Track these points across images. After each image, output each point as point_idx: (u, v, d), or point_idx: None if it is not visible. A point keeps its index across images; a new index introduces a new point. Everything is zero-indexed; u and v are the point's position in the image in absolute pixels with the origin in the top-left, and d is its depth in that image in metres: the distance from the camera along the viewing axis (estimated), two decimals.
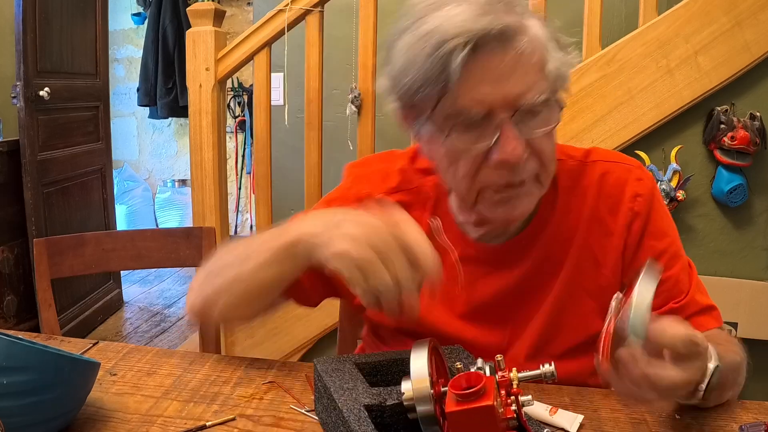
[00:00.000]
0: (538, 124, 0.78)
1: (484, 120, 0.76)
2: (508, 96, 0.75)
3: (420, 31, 0.76)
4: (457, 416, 0.56)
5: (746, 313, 1.99)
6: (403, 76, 0.78)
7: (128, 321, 3.37)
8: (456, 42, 0.72)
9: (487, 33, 0.73)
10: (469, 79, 0.74)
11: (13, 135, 2.71)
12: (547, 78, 0.77)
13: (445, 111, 0.78)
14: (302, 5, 2.08)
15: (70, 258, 1.38)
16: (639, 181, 0.91)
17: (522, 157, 0.77)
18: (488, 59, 0.74)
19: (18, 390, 0.66)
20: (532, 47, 0.76)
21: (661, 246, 0.90)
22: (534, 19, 0.78)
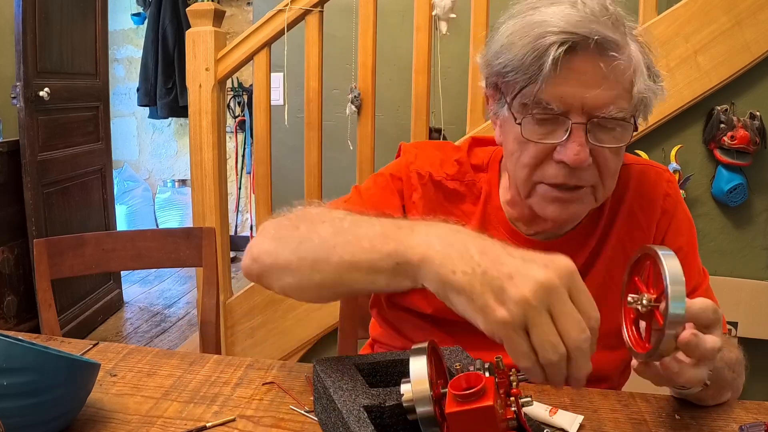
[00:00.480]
0: (609, 138, 0.81)
1: (559, 118, 0.80)
2: (589, 103, 0.79)
3: (527, 19, 0.80)
4: (457, 417, 0.56)
5: (746, 313, 1.99)
6: (498, 56, 0.82)
7: (128, 321, 3.37)
8: (556, 38, 0.76)
9: (587, 38, 0.76)
10: (558, 76, 0.78)
11: (13, 135, 2.71)
12: (632, 99, 0.80)
13: (525, 99, 0.81)
14: (302, 5, 2.08)
15: (70, 258, 1.38)
16: (669, 183, 0.98)
17: (584, 163, 0.80)
18: (581, 63, 0.78)
19: (18, 391, 0.66)
20: (626, 66, 0.79)
21: (678, 244, 0.94)
22: (635, 42, 0.82)
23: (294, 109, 2.30)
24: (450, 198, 0.98)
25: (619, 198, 0.96)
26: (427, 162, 0.99)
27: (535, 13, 0.80)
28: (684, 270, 0.90)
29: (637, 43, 0.82)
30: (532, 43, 0.78)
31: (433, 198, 0.97)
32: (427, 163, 0.99)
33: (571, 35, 0.76)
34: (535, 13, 0.80)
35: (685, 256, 0.93)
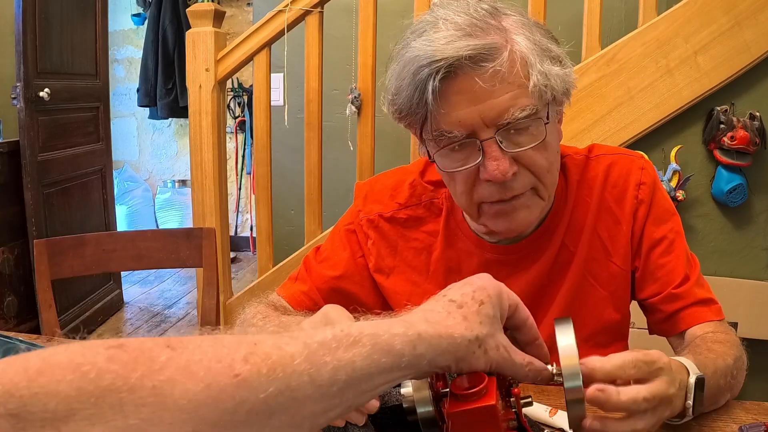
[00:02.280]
0: (525, 139, 0.80)
1: (468, 140, 0.79)
2: (487, 116, 0.77)
3: (404, 59, 0.80)
4: (459, 417, 0.55)
5: (746, 313, 1.99)
6: (394, 102, 0.83)
7: (128, 321, 3.37)
8: (429, 70, 0.76)
9: (458, 58, 0.75)
10: (446, 104, 0.78)
11: (14, 135, 2.71)
12: (531, 93, 0.78)
13: (429, 133, 0.81)
14: (302, 6, 2.09)
15: (70, 259, 1.39)
16: (642, 170, 0.94)
17: (507, 175, 0.79)
18: (463, 82, 0.77)
19: None
20: (511, 64, 0.77)
21: (660, 232, 0.92)
22: (521, 34, 0.79)
23: (294, 109, 2.30)
24: (408, 226, 0.98)
25: (588, 191, 0.94)
26: (375, 202, 1.00)
27: (408, 50, 0.79)
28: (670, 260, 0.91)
29: (522, 33, 0.79)
30: (413, 82, 0.78)
31: (389, 235, 0.98)
32: (375, 204, 1.00)
33: (441, 61, 0.75)
34: (408, 50, 0.80)
35: (670, 245, 0.92)
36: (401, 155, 2.19)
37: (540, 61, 0.79)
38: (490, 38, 0.77)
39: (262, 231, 2.29)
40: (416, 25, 0.82)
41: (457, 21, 0.77)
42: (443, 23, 0.78)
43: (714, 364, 0.77)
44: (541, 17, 1.97)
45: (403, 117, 0.83)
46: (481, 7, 0.80)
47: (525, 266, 0.93)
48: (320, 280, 0.99)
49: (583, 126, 1.98)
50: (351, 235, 1.00)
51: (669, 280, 0.91)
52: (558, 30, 2.40)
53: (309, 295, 0.98)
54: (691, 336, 0.89)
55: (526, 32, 0.80)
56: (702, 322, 0.89)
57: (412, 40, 0.80)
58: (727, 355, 0.81)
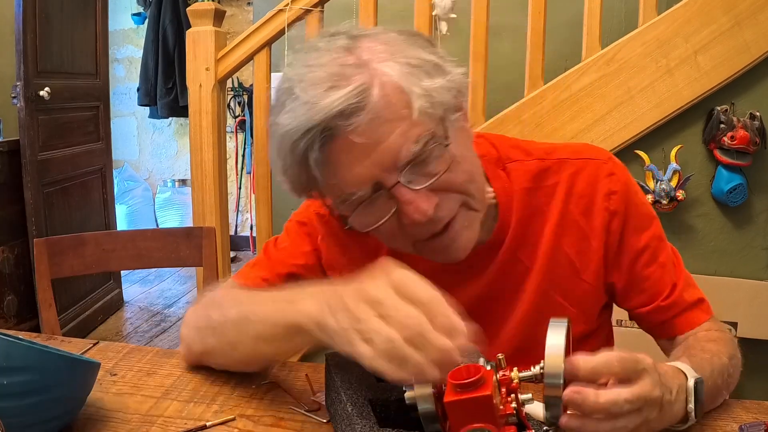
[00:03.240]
0: (433, 167, 0.72)
1: (376, 194, 0.73)
2: (382, 163, 0.71)
3: (277, 137, 0.74)
4: (455, 406, 0.56)
5: (746, 313, 1.99)
6: (286, 180, 0.78)
7: (128, 321, 3.37)
8: (305, 143, 0.70)
9: (328, 120, 0.68)
10: (336, 170, 0.72)
11: (14, 135, 2.71)
12: (420, 120, 0.70)
13: (335, 200, 0.77)
14: (302, 5, 2.08)
15: (70, 258, 1.39)
16: (611, 177, 0.86)
17: (429, 212, 0.72)
18: (342, 142, 0.70)
19: (18, 390, 0.66)
20: (386, 100, 0.69)
21: (643, 242, 0.87)
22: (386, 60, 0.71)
23: None
24: None
25: (545, 198, 0.87)
26: None
27: (277, 127, 0.73)
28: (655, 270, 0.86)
29: (390, 60, 0.71)
30: (294, 159, 0.72)
31: (339, 231, 0.92)
32: None
33: (311, 131, 0.69)
34: (277, 127, 0.73)
35: (654, 254, 0.87)
36: None
37: (416, 82, 0.71)
38: (354, 81, 0.69)
39: (262, 231, 2.29)
40: (276, 93, 0.76)
41: (312, 78, 0.70)
42: (299, 88, 0.70)
43: (710, 365, 0.76)
44: (541, 17, 1.98)
45: (301, 193, 0.79)
46: (336, 45, 0.72)
47: (472, 276, 0.88)
48: (279, 265, 0.95)
49: (583, 126, 1.98)
50: (303, 227, 0.97)
51: (656, 292, 0.87)
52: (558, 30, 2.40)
53: (268, 280, 0.94)
54: (682, 337, 0.88)
55: (389, 56, 0.71)
56: (695, 326, 0.87)
57: (276, 115, 0.74)
58: (721, 354, 0.80)
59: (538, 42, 1.99)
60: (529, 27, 1.99)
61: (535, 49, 2.00)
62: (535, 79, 2.02)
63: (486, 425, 0.56)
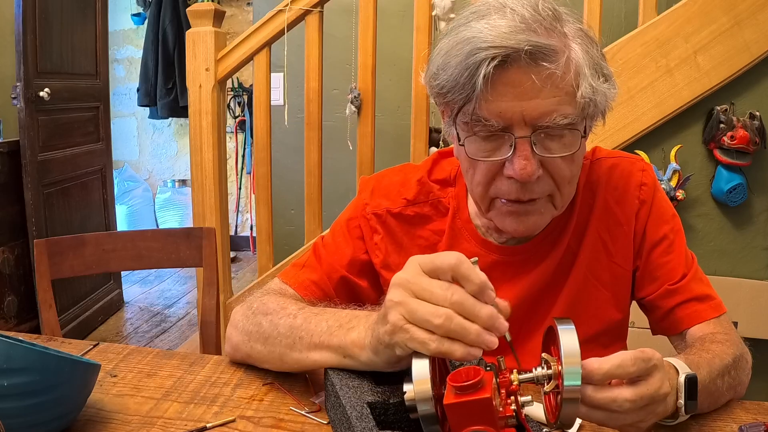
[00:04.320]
0: (558, 147, 0.79)
1: (503, 133, 0.78)
2: (529, 114, 0.76)
3: (459, 36, 0.77)
4: (455, 408, 0.57)
5: (746, 313, 1.99)
6: (436, 77, 0.80)
7: (128, 321, 3.37)
8: (485, 54, 0.74)
9: (518, 50, 0.73)
10: (492, 92, 0.76)
11: (14, 135, 2.71)
12: (576, 103, 0.77)
13: (467, 116, 0.79)
14: (302, 5, 2.09)
15: (70, 258, 1.39)
16: (643, 172, 0.94)
17: (532, 176, 0.78)
18: (515, 75, 0.75)
19: (18, 392, 0.66)
20: (566, 70, 0.76)
21: (662, 232, 0.93)
22: (578, 43, 0.78)
23: (294, 109, 2.30)
24: (414, 223, 0.97)
25: (591, 193, 0.94)
26: (383, 196, 0.99)
27: (467, 29, 0.77)
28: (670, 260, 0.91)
29: (579, 43, 0.79)
30: (464, 61, 0.76)
31: (397, 231, 0.97)
32: (383, 198, 0.99)
33: (500, 49, 0.74)
34: (466, 29, 0.77)
35: (671, 245, 0.93)
36: (401, 155, 2.19)
37: (591, 74, 0.78)
38: (551, 40, 0.75)
39: (262, 231, 2.29)
40: (479, 5, 0.80)
41: (524, 14, 0.75)
42: (510, 12, 0.76)
43: (709, 364, 0.76)
44: None
45: (443, 93, 0.81)
46: (546, 7, 0.78)
47: (529, 268, 0.93)
48: (330, 269, 0.98)
49: None
50: (356, 230, 0.99)
51: (668, 278, 0.92)
52: None
53: (319, 284, 0.97)
54: (691, 338, 0.89)
55: (583, 43, 0.79)
56: (701, 320, 0.89)
57: (473, 20, 0.78)
58: (725, 354, 0.81)
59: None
60: None
61: None
62: None
63: (486, 428, 0.56)
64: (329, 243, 1.00)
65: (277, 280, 0.99)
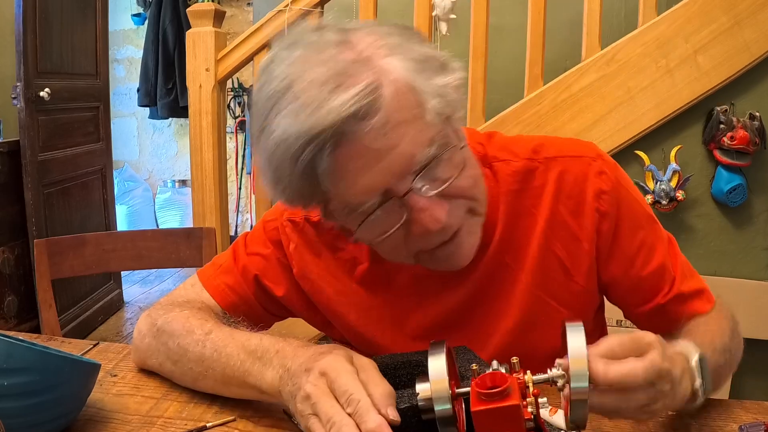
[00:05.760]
0: (445, 171, 0.68)
1: (385, 201, 0.68)
2: (395, 170, 0.66)
3: (271, 141, 0.66)
4: (483, 415, 0.55)
5: (746, 313, 1.99)
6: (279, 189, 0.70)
7: (129, 321, 3.37)
8: (312, 149, 0.63)
9: (340, 122, 0.62)
10: (344, 178, 0.65)
11: (14, 135, 2.71)
12: (432, 122, 0.66)
13: (338, 212, 0.71)
14: (302, 6, 2.09)
15: (70, 258, 1.39)
16: (600, 176, 0.82)
17: (443, 220, 0.69)
18: (354, 146, 0.64)
19: (18, 391, 0.66)
20: (399, 99, 0.64)
21: (637, 242, 0.84)
22: (390, 56, 0.66)
23: None
24: (335, 235, 0.87)
25: (534, 200, 0.83)
26: None
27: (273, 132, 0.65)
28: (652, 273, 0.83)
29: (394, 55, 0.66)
30: (295, 168, 0.64)
31: (314, 240, 0.88)
32: None
33: (320, 135, 0.62)
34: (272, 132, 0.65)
35: (651, 250, 0.84)
36: None
37: (425, 79, 0.67)
38: (362, 81, 0.63)
39: None
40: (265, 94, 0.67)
41: (313, 77, 0.63)
42: (299, 87, 0.64)
43: (712, 344, 0.75)
44: (541, 17, 1.98)
45: (298, 205, 0.72)
46: (325, 40, 0.67)
47: (456, 283, 0.84)
48: (245, 272, 0.91)
49: (583, 126, 1.98)
50: (273, 232, 0.90)
51: (658, 288, 0.85)
52: (558, 30, 2.40)
53: (234, 289, 0.90)
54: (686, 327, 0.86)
55: (393, 52, 0.67)
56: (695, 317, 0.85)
57: (270, 118, 0.65)
58: (723, 333, 0.79)
59: (538, 42, 1.99)
60: (529, 27, 1.99)
61: (535, 49, 2.01)
62: (535, 79, 2.02)
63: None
64: (249, 243, 0.93)
65: (194, 281, 0.93)
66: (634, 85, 1.94)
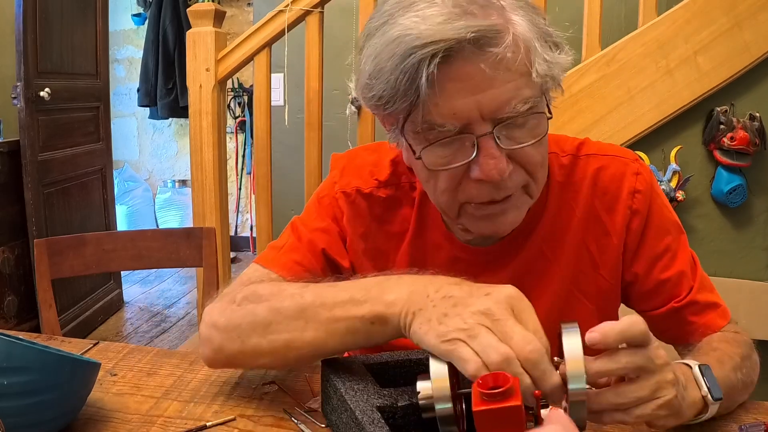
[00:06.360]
0: (523, 135, 0.71)
1: (461, 134, 0.70)
2: (486, 108, 0.68)
3: (388, 36, 0.68)
4: (484, 415, 0.55)
5: (746, 313, 1.99)
6: (370, 87, 0.71)
7: (128, 321, 3.37)
8: (424, 53, 0.65)
9: (459, 41, 0.65)
10: (441, 93, 0.67)
11: (14, 135, 2.71)
12: (534, 84, 0.69)
13: (417, 125, 0.71)
14: (302, 6, 2.09)
15: (70, 258, 1.39)
16: (637, 176, 0.85)
17: (504, 174, 0.71)
18: (462, 68, 0.66)
19: (18, 390, 0.66)
20: (515, 50, 0.67)
21: (662, 245, 0.86)
22: (520, 15, 0.70)
23: (294, 109, 2.30)
24: (386, 206, 0.89)
25: (573, 194, 0.85)
26: (354, 175, 0.91)
27: (393, 26, 0.67)
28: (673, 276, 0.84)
29: (522, 14, 0.70)
30: (400, 65, 0.66)
31: (366, 214, 0.90)
32: (354, 177, 0.91)
33: (439, 44, 0.64)
34: (393, 26, 0.67)
35: (674, 257, 0.86)
36: None
37: (542, 47, 0.70)
38: (492, 19, 0.66)
39: (262, 231, 2.29)
40: None
41: None
42: None
43: (719, 361, 0.75)
44: None
45: (382, 105, 0.71)
46: None
47: (494, 269, 0.86)
48: (311, 246, 0.90)
49: (583, 126, 1.98)
50: (328, 208, 0.91)
51: (673, 294, 0.86)
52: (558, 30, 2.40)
53: (303, 264, 0.88)
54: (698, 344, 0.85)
55: (525, 13, 0.70)
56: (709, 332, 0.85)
57: (398, 15, 0.68)
58: (733, 353, 0.79)
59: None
60: None
61: None
62: None
63: None
64: (306, 220, 0.93)
65: (255, 267, 0.90)
66: (634, 86, 1.94)
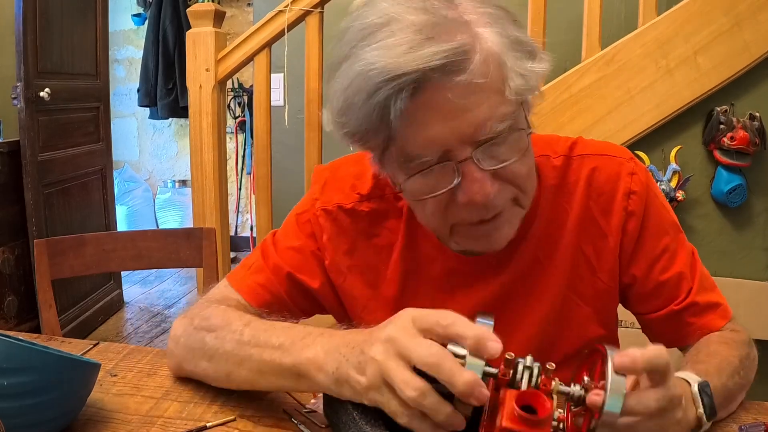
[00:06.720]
0: (505, 152, 0.69)
1: (442, 162, 0.69)
2: (463, 133, 0.67)
3: (353, 70, 0.66)
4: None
5: (746, 313, 1.97)
6: (343, 122, 0.70)
7: (129, 321, 3.37)
8: (390, 87, 0.63)
9: (426, 71, 0.63)
10: (414, 124, 0.66)
11: (14, 135, 2.71)
12: (510, 99, 0.67)
13: (395, 157, 0.70)
14: (302, 6, 2.09)
15: (70, 258, 1.39)
16: (632, 176, 0.83)
17: (490, 195, 0.69)
18: (432, 98, 0.65)
19: (18, 391, 0.66)
20: (484, 69, 0.65)
21: (660, 246, 0.84)
22: (489, 27, 0.67)
23: (294, 109, 2.30)
24: (370, 220, 0.88)
25: (567, 196, 0.84)
26: (335, 190, 0.89)
27: (356, 60, 0.66)
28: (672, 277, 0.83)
29: (489, 25, 0.67)
30: (368, 101, 0.65)
31: (350, 229, 0.88)
32: (335, 192, 0.89)
33: (403, 77, 0.63)
34: (356, 61, 0.66)
35: (673, 257, 0.85)
36: None
37: (515, 58, 0.68)
38: (456, 40, 0.64)
39: (262, 231, 2.29)
40: (360, 24, 0.68)
41: (413, 20, 0.64)
42: (396, 24, 0.64)
43: (718, 369, 0.75)
44: (540, 18, 1.98)
45: (356, 141, 0.71)
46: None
47: (489, 277, 0.85)
48: (276, 269, 0.89)
49: (582, 126, 1.98)
50: (305, 225, 0.90)
51: (672, 296, 0.85)
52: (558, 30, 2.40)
53: (266, 287, 0.88)
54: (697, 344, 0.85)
55: (493, 23, 0.68)
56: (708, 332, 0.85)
57: (361, 46, 0.66)
58: (731, 356, 0.79)
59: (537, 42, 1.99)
60: (529, 27, 1.99)
61: None
62: None
63: None
64: (279, 239, 0.92)
65: (224, 283, 0.92)
66: (634, 86, 1.94)
